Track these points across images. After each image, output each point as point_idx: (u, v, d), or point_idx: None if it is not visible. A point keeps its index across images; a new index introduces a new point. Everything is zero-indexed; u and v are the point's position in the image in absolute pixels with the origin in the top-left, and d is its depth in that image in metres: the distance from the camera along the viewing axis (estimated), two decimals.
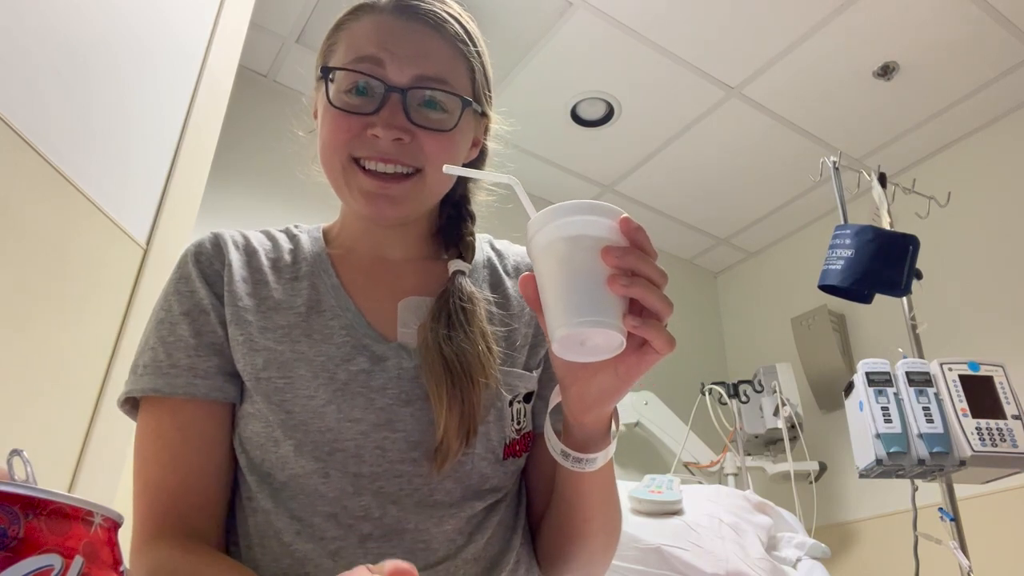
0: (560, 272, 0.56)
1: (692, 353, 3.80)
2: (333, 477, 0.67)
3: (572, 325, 0.55)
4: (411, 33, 0.73)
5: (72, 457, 1.21)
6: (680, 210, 3.70)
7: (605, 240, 0.56)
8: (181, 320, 0.73)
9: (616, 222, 0.56)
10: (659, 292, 0.56)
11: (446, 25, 0.74)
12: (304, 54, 2.89)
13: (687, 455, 2.98)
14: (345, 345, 0.71)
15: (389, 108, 0.70)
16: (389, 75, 0.71)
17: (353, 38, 0.74)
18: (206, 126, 1.56)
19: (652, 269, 0.56)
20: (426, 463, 0.69)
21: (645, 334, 0.56)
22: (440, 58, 0.73)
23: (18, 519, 0.27)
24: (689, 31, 2.72)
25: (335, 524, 0.67)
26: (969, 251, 3.00)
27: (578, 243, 0.56)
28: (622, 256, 0.55)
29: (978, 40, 2.71)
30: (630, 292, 0.55)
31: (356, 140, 0.71)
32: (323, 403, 0.68)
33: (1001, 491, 2.22)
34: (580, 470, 0.66)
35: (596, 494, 0.70)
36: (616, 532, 0.76)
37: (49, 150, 1.15)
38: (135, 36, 1.38)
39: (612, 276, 0.55)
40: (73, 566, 0.27)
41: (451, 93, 0.73)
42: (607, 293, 0.55)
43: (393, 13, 0.73)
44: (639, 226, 0.57)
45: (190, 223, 1.51)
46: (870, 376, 1.77)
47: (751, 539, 1.64)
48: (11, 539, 0.26)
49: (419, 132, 0.71)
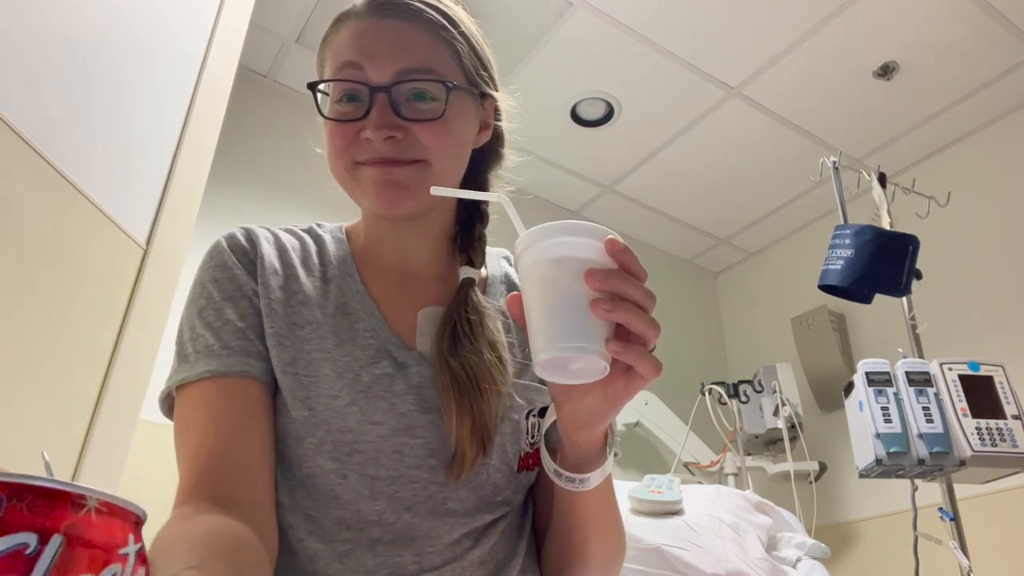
0: (543, 294, 0.55)
1: (692, 353, 3.81)
2: (351, 479, 0.68)
3: (554, 349, 0.54)
4: (386, 30, 0.73)
5: (72, 457, 1.21)
6: (680, 210, 3.70)
7: (590, 262, 0.54)
8: (225, 305, 0.72)
9: (602, 243, 0.55)
10: (644, 316, 0.55)
11: (421, 14, 0.74)
12: (304, 54, 2.89)
13: (687, 455, 2.98)
14: (370, 348, 0.72)
15: (377, 109, 0.71)
16: (371, 77, 0.71)
17: (334, 49, 0.75)
18: (206, 126, 1.56)
19: (637, 292, 0.55)
20: (442, 471, 0.69)
21: (628, 360, 0.55)
22: (419, 48, 0.73)
23: (1, 503, 0.28)
24: (689, 31, 2.72)
25: (346, 528, 0.67)
26: (969, 251, 3.00)
27: (562, 265, 0.55)
28: (605, 279, 0.54)
29: (978, 40, 2.71)
30: (612, 316, 0.54)
31: (354, 146, 0.72)
32: (346, 403, 0.69)
33: (1001, 491, 2.21)
34: (574, 489, 0.65)
35: (593, 514, 0.70)
36: (617, 552, 0.75)
37: (49, 150, 1.15)
38: (135, 36, 1.38)
39: (595, 300, 0.53)
40: (51, 544, 0.28)
41: (435, 80, 0.72)
42: (590, 317, 0.54)
43: (368, 16, 0.74)
44: (625, 247, 0.55)
45: (190, 223, 1.51)
46: (870, 376, 1.77)
47: (751, 539, 1.64)
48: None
49: (411, 126, 0.71)
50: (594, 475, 0.64)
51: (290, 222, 0.86)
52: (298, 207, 2.73)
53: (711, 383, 3.14)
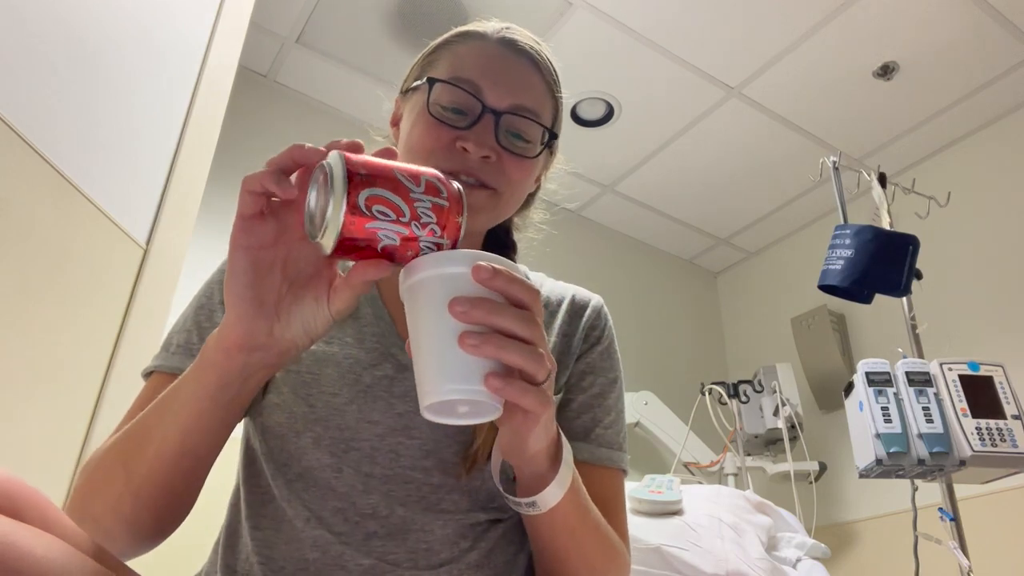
0: (417, 335, 0.51)
1: (692, 353, 3.81)
2: (345, 474, 0.69)
3: (434, 394, 0.49)
4: (513, 65, 0.78)
5: (72, 457, 1.21)
6: (680, 210, 3.70)
7: (460, 292, 0.49)
8: (219, 308, 0.76)
9: (470, 269, 0.50)
10: (520, 347, 0.50)
11: (542, 64, 0.80)
12: (304, 54, 2.89)
13: (687, 455, 2.98)
14: (374, 351, 0.74)
15: (482, 126, 0.73)
16: (487, 98, 0.74)
17: (457, 58, 0.78)
18: (206, 126, 1.56)
19: (509, 320, 0.50)
20: (437, 473, 0.70)
21: (509, 397, 0.50)
22: (536, 93, 0.78)
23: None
24: (689, 31, 2.72)
25: (343, 519, 0.69)
26: (969, 251, 3.00)
27: (429, 301, 0.50)
28: (469, 310, 0.49)
29: (978, 40, 2.71)
30: (481, 352, 0.49)
31: (442, 152, 0.73)
32: (345, 401, 0.71)
33: (1001, 491, 2.22)
34: (531, 513, 0.63)
35: (560, 534, 0.67)
36: (609, 561, 0.71)
37: (49, 150, 1.15)
38: (135, 36, 1.38)
39: (463, 335, 0.49)
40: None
41: (541, 124, 0.77)
42: (465, 354, 0.48)
43: (498, 44, 0.78)
44: (494, 270, 0.50)
45: (190, 223, 1.51)
46: (870, 376, 1.77)
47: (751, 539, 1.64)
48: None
49: (504, 154, 0.74)
50: (544, 495, 0.61)
51: None
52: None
53: (711, 383, 3.14)
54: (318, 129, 3.03)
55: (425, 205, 0.51)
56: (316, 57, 2.90)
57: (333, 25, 2.76)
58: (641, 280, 3.81)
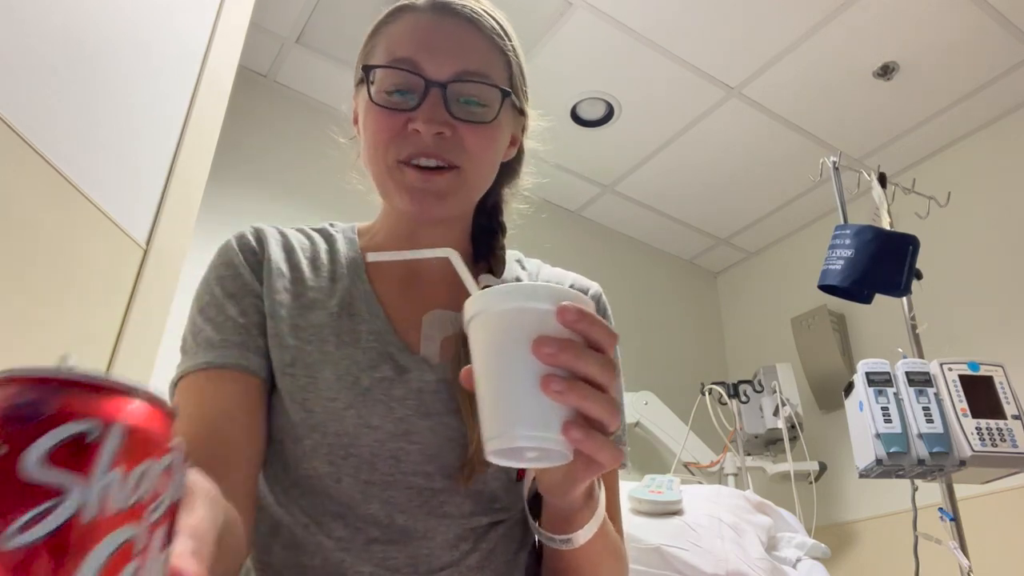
0: (489, 371, 0.48)
1: (692, 353, 3.81)
2: (344, 483, 0.68)
3: (504, 439, 0.47)
4: (447, 29, 0.73)
5: None
6: (680, 210, 3.70)
7: (541, 330, 0.46)
8: (227, 302, 0.73)
9: (556, 308, 0.47)
10: (602, 398, 0.47)
11: (482, 19, 0.74)
12: (304, 54, 2.89)
13: (687, 455, 2.98)
14: (371, 351, 0.72)
15: (429, 102, 0.70)
16: (428, 72, 0.71)
17: (391, 39, 0.74)
18: (206, 126, 1.56)
19: (594, 367, 0.47)
20: (439, 477, 0.69)
21: (588, 451, 0.48)
22: (478, 52, 0.73)
23: (55, 393, 0.28)
24: (689, 31, 2.72)
25: (343, 525, 0.68)
26: (969, 251, 3.00)
27: (509, 336, 0.47)
28: (556, 353, 0.46)
29: (978, 40, 2.71)
30: (564, 400, 0.46)
31: (399, 139, 0.71)
32: (344, 406, 0.68)
33: (1001, 491, 2.22)
34: (559, 548, 0.63)
35: (584, 564, 0.66)
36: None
37: (49, 150, 1.15)
38: (135, 36, 1.38)
39: (546, 378, 0.46)
40: (113, 430, 0.27)
41: (491, 85, 0.72)
42: (543, 398, 0.46)
43: (429, 12, 0.74)
44: (580, 312, 0.47)
45: (190, 223, 1.51)
46: (870, 376, 1.77)
47: (751, 539, 1.64)
48: (44, 412, 0.27)
49: (460, 126, 0.71)
50: (581, 533, 0.61)
51: (290, 222, 0.86)
52: (298, 207, 2.73)
53: (711, 383, 3.14)
54: (318, 129, 3.03)
55: None
56: (316, 57, 2.90)
57: (333, 25, 2.76)
58: (641, 280, 3.81)
